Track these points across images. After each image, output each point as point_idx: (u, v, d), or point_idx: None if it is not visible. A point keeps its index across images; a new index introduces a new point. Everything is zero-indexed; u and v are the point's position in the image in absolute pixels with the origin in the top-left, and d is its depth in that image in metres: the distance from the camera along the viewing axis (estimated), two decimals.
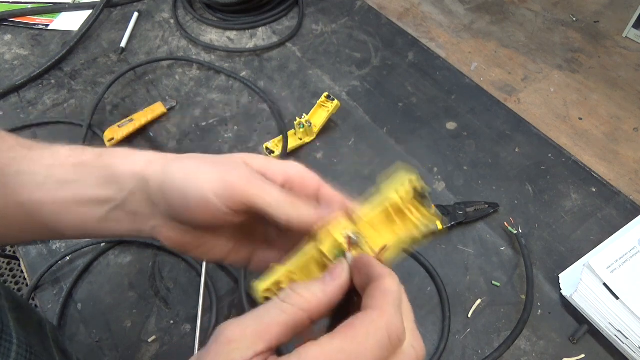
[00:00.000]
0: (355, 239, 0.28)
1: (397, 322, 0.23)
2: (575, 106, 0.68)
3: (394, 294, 0.24)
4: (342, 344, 0.22)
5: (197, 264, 0.54)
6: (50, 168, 0.31)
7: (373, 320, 0.23)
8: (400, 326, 0.23)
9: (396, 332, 0.23)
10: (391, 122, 0.67)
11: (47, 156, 0.31)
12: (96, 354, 0.49)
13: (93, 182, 0.31)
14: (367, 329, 0.23)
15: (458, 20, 0.81)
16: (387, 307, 0.24)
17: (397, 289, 0.25)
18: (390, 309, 0.23)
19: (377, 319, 0.23)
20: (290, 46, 0.78)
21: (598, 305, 0.47)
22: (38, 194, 0.31)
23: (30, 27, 0.83)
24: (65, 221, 0.32)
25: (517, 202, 0.58)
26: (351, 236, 0.28)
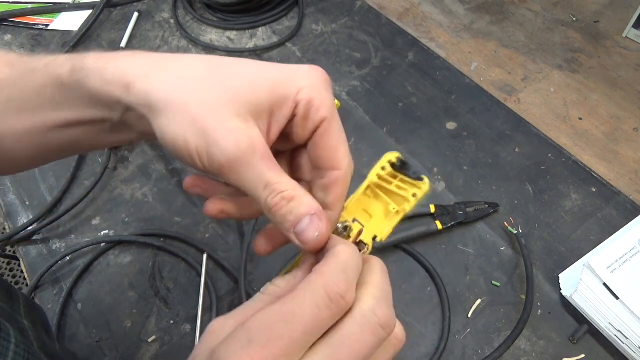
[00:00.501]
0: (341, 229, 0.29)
1: (338, 281, 0.23)
2: (575, 106, 0.68)
3: (338, 258, 0.24)
4: (280, 307, 0.23)
5: (197, 263, 0.54)
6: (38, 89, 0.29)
7: (311, 281, 0.23)
8: (341, 285, 0.23)
9: (336, 291, 0.23)
10: (391, 122, 0.67)
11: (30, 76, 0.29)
12: (96, 354, 0.49)
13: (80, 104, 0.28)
14: (305, 290, 0.23)
15: (458, 20, 0.81)
16: (327, 269, 0.24)
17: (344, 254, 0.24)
18: (330, 270, 0.24)
19: (314, 280, 0.23)
20: (290, 46, 0.78)
21: (598, 305, 0.47)
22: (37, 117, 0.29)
23: (30, 27, 0.83)
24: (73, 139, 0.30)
25: (517, 202, 0.58)
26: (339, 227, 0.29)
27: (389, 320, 0.24)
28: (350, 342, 0.23)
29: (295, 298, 0.23)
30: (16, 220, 0.60)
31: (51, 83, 0.28)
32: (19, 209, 0.61)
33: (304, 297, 0.23)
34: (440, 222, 0.55)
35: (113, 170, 0.63)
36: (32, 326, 0.41)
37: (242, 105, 0.25)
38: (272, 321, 0.22)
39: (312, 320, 0.22)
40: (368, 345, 0.23)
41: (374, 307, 0.24)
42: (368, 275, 0.26)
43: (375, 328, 0.23)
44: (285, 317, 0.22)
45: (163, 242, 0.56)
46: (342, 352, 0.22)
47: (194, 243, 0.56)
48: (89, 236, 0.57)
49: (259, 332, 0.22)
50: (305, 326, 0.22)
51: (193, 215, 0.58)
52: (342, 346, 0.23)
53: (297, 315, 0.22)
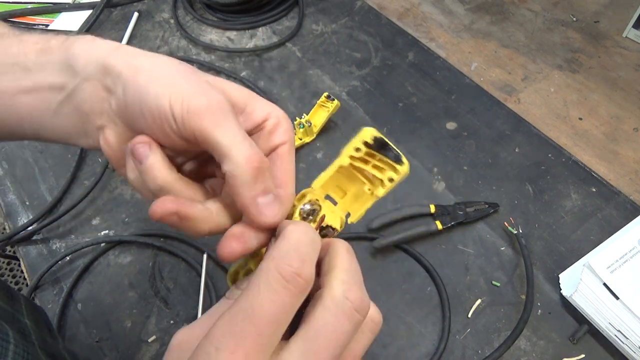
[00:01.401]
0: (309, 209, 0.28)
1: (289, 260, 0.22)
2: (575, 106, 0.68)
3: (288, 239, 0.23)
4: (237, 304, 0.21)
5: (197, 263, 0.54)
6: (17, 56, 0.29)
7: (262, 268, 0.22)
8: (293, 263, 0.22)
9: (288, 270, 0.21)
10: (391, 122, 0.67)
11: (15, 44, 0.30)
12: (96, 354, 0.49)
13: (52, 68, 0.29)
14: (258, 278, 0.22)
15: (458, 20, 0.81)
16: (277, 251, 0.22)
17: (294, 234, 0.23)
18: (279, 251, 0.22)
19: (265, 266, 0.22)
20: (290, 46, 0.78)
21: (598, 305, 0.47)
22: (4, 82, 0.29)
23: (30, 27, 0.83)
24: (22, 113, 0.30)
25: (517, 202, 0.58)
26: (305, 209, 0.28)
27: (362, 302, 0.23)
28: (326, 331, 0.22)
29: (251, 289, 0.22)
30: (16, 220, 0.60)
31: (35, 50, 0.29)
32: (19, 209, 0.61)
33: (258, 285, 0.21)
34: (440, 222, 0.55)
35: (113, 170, 0.63)
36: (35, 325, 0.41)
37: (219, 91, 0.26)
38: (233, 322, 0.21)
39: (273, 307, 0.21)
40: (345, 332, 0.22)
41: (345, 291, 0.23)
42: (333, 259, 0.25)
43: (349, 313, 0.22)
44: (245, 313, 0.21)
45: (163, 242, 0.56)
46: (319, 343, 0.22)
47: (194, 243, 0.56)
48: (89, 236, 0.57)
49: (224, 338, 0.21)
50: (268, 315, 0.21)
51: None
52: (318, 337, 0.22)
53: (256, 306, 0.21)
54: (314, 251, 0.24)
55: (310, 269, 0.22)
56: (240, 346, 0.20)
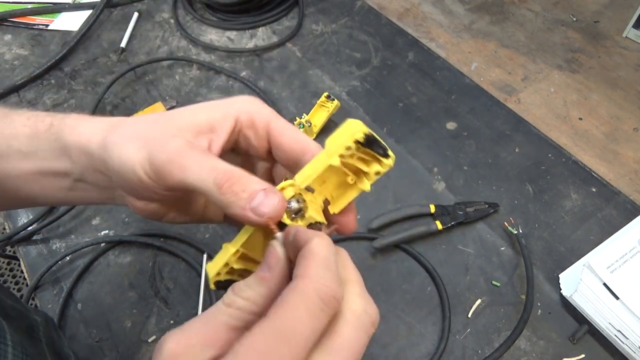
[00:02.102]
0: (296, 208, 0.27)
1: (327, 282, 0.22)
2: (575, 106, 0.68)
3: (319, 255, 0.23)
4: (272, 324, 0.21)
5: (197, 263, 0.54)
6: (9, 139, 0.30)
7: (300, 288, 0.21)
8: (331, 286, 0.22)
9: (328, 293, 0.21)
10: (391, 122, 0.67)
11: (5, 126, 0.31)
12: (96, 354, 0.49)
13: (48, 155, 0.30)
14: (296, 300, 0.21)
15: (458, 20, 0.81)
16: (313, 270, 0.22)
17: (323, 249, 0.23)
18: (316, 271, 0.22)
19: (304, 286, 0.21)
20: (290, 46, 0.78)
21: (598, 305, 0.47)
22: (4, 165, 0.30)
23: (30, 27, 0.83)
24: (35, 191, 0.31)
25: (517, 202, 0.58)
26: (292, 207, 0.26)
27: (377, 316, 0.24)
28: (349, 344, 0.22)
29: (288, 311, 0.21)
30: (16, 220, 0.60)
31: (25, 134, 0.30)
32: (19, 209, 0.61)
33: (298, 308, 0.21)
34: (440, 222, 0.55)
35: None
36: (44, 322, 0.41)
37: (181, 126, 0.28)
38: (269, 343, 0.20)
39: (312, 332, 0.21)
40: (362, 344, 0.23)
41: (365, 306, 0.23)
42: (345, 273, 0.25)
43: (368, 327, 0.23)
44: (283, 335, 0.20)
45: (163, 242, 0.56)
46: (342, 355, 0.22)
47: (194, 243, 0.56)
48: (89, 236, 0.57)
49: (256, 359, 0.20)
50: (307, 340, 0.20)
51: None
52: (342, 350, 0.22)
53: (296, 331, 0.20)
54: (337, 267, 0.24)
55: (341, 289, 0.23)
56: None
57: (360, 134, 0.25)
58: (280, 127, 0.29)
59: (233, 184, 0.25)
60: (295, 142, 0.29)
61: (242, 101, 0.30)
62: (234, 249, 0.28)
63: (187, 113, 0.29)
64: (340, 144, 0.25)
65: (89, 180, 0.30)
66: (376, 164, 0.27)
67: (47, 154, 0.30)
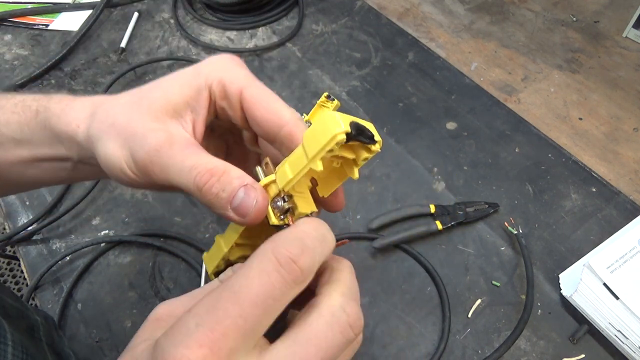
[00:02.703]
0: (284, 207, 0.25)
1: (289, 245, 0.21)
2: (575, 106, 0.68)
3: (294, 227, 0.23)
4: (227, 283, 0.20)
5: (197, 263, 0.54)
6: (1, 126, 0.30)
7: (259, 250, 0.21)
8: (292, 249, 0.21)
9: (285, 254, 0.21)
10: (391, 122, 0.67)
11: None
12: (96, 354, 0.49)
13: (42, 142, 0.30)
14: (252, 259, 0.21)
15: (458, 20, 0.81)
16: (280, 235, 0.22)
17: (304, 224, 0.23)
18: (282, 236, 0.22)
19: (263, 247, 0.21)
20: (290, 46, 0.78)
21: (598, 305, 0.47)
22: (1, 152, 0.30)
23: (30, 27, 0.83)
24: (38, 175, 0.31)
25: (517, 202, 0.58)
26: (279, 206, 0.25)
27: (358, 319, 0.23)
28: (317, 339, 0.21)
29: (243, 270, 0.21)
30: (16, 220, 0.60)
31: (14, 122, 0.30)
32: (19, 209, 0.61)
33: (251, 265, 0.21)
34: (440, 222, 0.55)
35: None
36: (45, 321, 0.41)
37: (158, 110, 0.27)
38: (219, 299, 0.20)
39: (262, 289, 0.20)
40: (336, 345, 0.21)
41: (343, 304, 0.22)
42: (336, 274, 0.24)
43: (344, 326, 0.22)
44: (231, 291, 0.20)
45: (163, 242, 0.56)
46: (308, 350, 0.21)
47: (194, 243, 0.56)
48: (89, 236, 0.57)
49: (207, 315, 0.19)
50: (256, 297, 0.20)
51: (193, 215, 0.58)
52: (308, 343, 0.21)
53: (244, 286, 0.20)
54: (321, 248, 0.23)
55: (309, 260, 0.21)
56: (221, 325, 0.19)
57: (342, 135, 0.23)
58: (254, 96, 0.27)
59: (212, 185, 0.24)
60: (270, 114, 0.27)
61: (213, 65, 0.28)
62: (226, 248, 0.27)
63: (161, 93, 0.28)
64: (321, 147, 0.23)
65: (91, 163, 0.29)
66: (363, 150, 0.26)
67: (41, 142, 0.30)
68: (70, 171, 0.31)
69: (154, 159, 0.25)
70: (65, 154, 0.30)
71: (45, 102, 0.30)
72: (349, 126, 0.23)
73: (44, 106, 0.30)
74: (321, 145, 0.23)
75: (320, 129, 0.23)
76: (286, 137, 0.27)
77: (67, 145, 0.30)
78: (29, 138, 0.30)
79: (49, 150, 0.30)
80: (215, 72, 0.28)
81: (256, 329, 0.20)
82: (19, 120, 0.30)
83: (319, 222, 0.24)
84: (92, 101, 0.29)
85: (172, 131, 0.27)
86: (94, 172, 0.31)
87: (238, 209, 0.24)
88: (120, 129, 0.27)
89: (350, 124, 0.23)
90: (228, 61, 0.29)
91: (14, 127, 0.30)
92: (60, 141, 0.30)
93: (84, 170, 0.31)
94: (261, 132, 0.28)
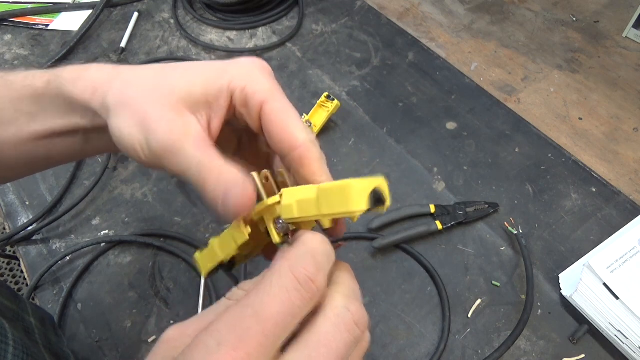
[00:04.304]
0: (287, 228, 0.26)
1: (305, 264, 0.22)
2: (575, 106, 0.68)
3: (304, 244, 0.23)
4: (247, 301, 0.21)
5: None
6: (15, 102, 0.30)
7: (276, 267, 0.22)
8: (309, 268, 0.22)
9: (304, 273, 0.21)
10: (391, 122, 0.67)
11: (6, 89, 0.30)
12: (96, 354, 0.49)
13: (55, 113, 0.30)
14: (271, 276, 0.21)
15: (458, 20, 0.81)
16: (293, 253, 0.22)
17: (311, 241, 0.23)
18: (296, 254, 0.22)
19: (280, 265, 0.22)
20: (290, 46, 0.78)
21: (598, 305, 0.47)
22: (12, 129, 0.30)
23: (30, 27, 0.83)
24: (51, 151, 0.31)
25: (517, 202, 0.58)
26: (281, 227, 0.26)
27: (362, 317, 0.23)
28: (326, 340, 0.21)
29: (262, 287, 0.21)
30: (16, 220, 0.60)
31: (27, 95, 0.30)
32: (19, 209, 0.61)
33: (271, 283, 0.21)
34: (440, 222, 0.55)
35: (113, 170, 0.63)
36: (40, 324, 0.41)
37: (178, 100, 0.27)
38: (240, 317, 0.20)
39: (283, 307, 0.20)
40: (345, 344, 0.22)
41: (347, 303, 0.23)
42: (336, 277, 0.25)
43: (350, 325, 0.22)
44: (254, 309, 0.20)
45: (163, 242, 0.56)
46: (319, 352, 0.21)
47: (194, 243, 0.56)
48: (89, 236, 0.57)
49: (228, 333, 0.20)
50: (277, 315, 0.20)
51: (193, 215, 0.58)
52: (318, 345, 0.21)
53: (265, 304, 0.20)
54: (328, 263, 0.23)
55: (323, 278, 0.22)
56: (244, 343, 0.19)
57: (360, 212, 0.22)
58: (273, 112, 0.28)
59: (212, 182, 0.25)
60: (285, 134, 0.27)
61: (241, 69, 0.28)
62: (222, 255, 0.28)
63: (184, 83, 0.28)
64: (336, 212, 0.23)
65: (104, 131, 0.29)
66: None
67: (54, 112, 0.30)
68: (82, 144, 0.31)
69: (167, 149, 0.26)
70: (78, 123, 0.30)
71: (57, 71, 0.30)
72: (367, 203, 0.22)
73: (55, 75, 0.30)
74: (336, 212, 0.23)
75: (341, 195, 0.22)
76: (296, 160, 0.27)
77: (80, 112, 0.29)
78: (41, 110, 0.30)
79: (61, 121, 0.30)
80: (240, 78, 0.28)
81: (275, 345, 0.20)
82: (32, 94, 0.30)
83: (323, 237, 0.24)
84: (110, 68, 0.29)
85: (188, 125, 0.27)
86: (105, 144, 0.30)
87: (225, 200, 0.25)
88: (136, 109, 0.27)
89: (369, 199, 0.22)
90: (256, 68, 0.29)
91: (27, 102, 0.30)
92: (74, 109, 0.29)
93: (95, 142, 0.31)
94: (274, 147, 0.28)
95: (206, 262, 0.29)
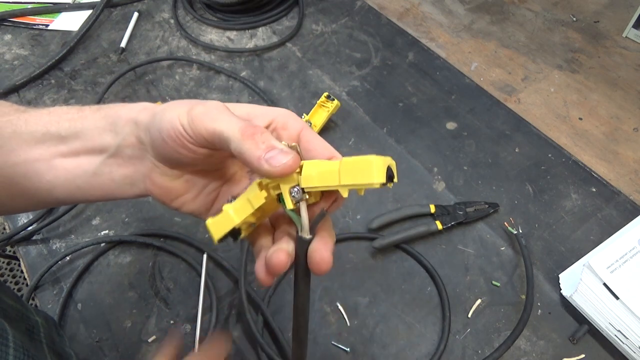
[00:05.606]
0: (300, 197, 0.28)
1: None
2: (575, 106, 0.68)
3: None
4: None
5: (197, 263, 0.54)
6: (48, 125, 0.31)
7: None
8: None
9: None
10: (391, 122, 0.67)
11: (45, 114, 0.32)
12: (96, 354, 0.49)
13: (92, 133, 0.32)
14: None
15: (458, 20, 0.81)
16: None
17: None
18: None
19: None
20: (290, 46, 0.78)
21: (598, 305, 0.47)
22: (36, 151, 0.31)
23: (30, 27, 0.83)
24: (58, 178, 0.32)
25: (517, 202, 0.58)
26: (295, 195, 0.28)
27: None
28: None
29: None
30: (16, 220, 0.60)
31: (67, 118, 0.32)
32: None
33: None
34: (440, 222, 0.55)
35: None
36: (45, 322, 0.42)
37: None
38: None
39: None
40: None
41: None
42: None
43: None
44: None
45: (163, 242, 0.56)
46: None
47: (194, 243, 0.56)
48: (89, 236, 0.57)
49: None
50: None
51: None
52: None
53: None
54: None
55: None
56: None
57: (378, 184, 0.25)
58: (311, 136, 0.31)
59: (256, 134, 0.27)
60: (325, 150, 0.31)
61: (279, 109, 0.33)
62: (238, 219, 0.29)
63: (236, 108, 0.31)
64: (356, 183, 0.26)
65: (123, 153, 0.31)
66: None
67: (91, 132, 0.32)
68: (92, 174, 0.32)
69: (209, 111, 0.28)
70: (108, 143, 0.31)
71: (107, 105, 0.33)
72: (384, 177, 0.25)
73: (106, 105, 0.33)
74: (356, 183, 0.26)
75: (363, 168, 0.26)
76: None
77: (119, 127, 0.31)
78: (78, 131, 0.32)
79: (91, 142, 0.32)
80: (281, 112, 0.32)
81: None
82: (73, 117, 0.32)
83: None
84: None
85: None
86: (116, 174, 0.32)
87: (270, 160, 0.27)
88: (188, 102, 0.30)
89: (386, 173, 0.26)
90: (292, 113, 0.33)
91: (63, 124, 0.32)
92: (114, 127, 0.31)
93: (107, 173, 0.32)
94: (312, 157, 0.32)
95: (219, 228, 0.30)
